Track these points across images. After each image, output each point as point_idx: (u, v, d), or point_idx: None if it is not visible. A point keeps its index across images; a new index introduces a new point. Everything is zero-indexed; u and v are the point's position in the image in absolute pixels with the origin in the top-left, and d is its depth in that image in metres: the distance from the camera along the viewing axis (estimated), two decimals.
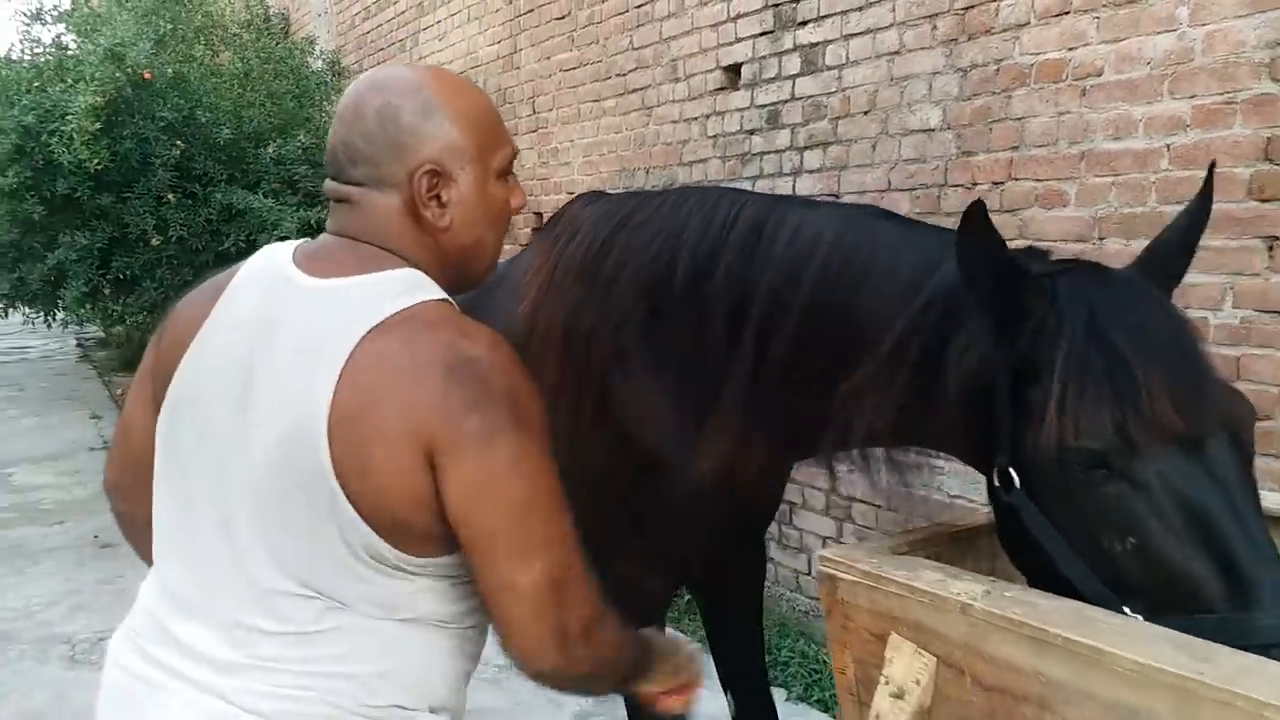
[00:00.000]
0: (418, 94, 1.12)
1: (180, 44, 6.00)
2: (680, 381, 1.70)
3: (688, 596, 3.17)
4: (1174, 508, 1.17)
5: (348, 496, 1.02)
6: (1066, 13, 2.78)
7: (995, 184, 3.01)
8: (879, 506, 3.49)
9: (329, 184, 1.17)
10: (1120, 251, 2.69)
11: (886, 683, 1.23)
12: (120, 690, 1.16)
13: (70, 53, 5.17)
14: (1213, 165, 1.48)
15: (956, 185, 3.12)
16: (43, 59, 5.35)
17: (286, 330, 1.08)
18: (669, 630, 1.75)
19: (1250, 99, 2.40)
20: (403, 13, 7.22)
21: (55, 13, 6.54)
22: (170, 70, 5.55)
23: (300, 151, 5.82)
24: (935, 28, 3.17)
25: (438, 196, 1.12)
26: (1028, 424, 1.26)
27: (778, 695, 2.76)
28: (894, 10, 3.30)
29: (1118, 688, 1.01)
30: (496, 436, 1.01)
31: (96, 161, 4.83)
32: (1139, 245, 2.64)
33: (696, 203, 1.77)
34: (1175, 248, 1.44)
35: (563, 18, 5.18)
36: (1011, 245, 1.90)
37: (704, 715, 1.99)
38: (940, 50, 3.15)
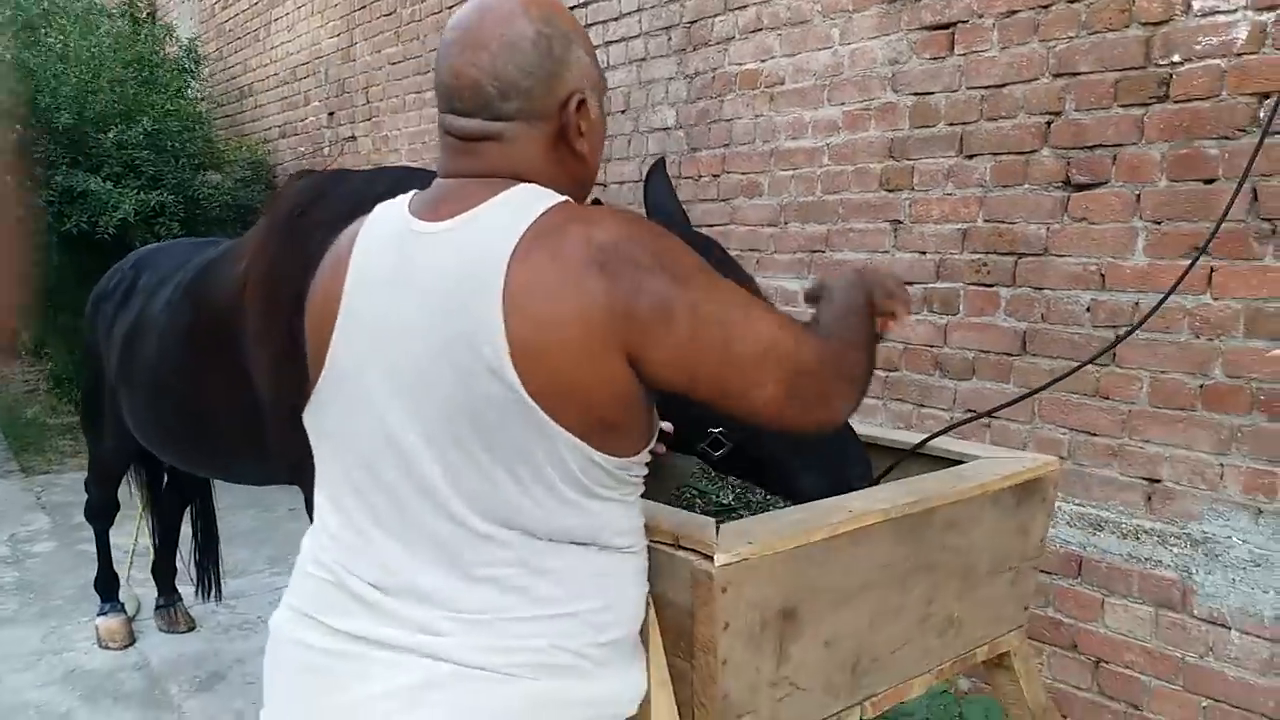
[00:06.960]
0: (555, 22, 1.11)
1: (23, 30, 6.13)
2: None
3: None
4: None
5: (554, 419, 1.01)
6: (760, 29, 3.26)
7: (714, 176, 3.48)
8: None
9: (464, 123, 1.11)
10: (798, 233, 3.18)
11: None
12: (301, 665, 1.11)
13: None
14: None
15: (687, 178, 3.58)
16: None
17: (429, 280, 1.06)
18: None
19: (880, 106, 2.90)
20: (256, 3, 7.44)
21: None
22: (9, 55, 5.71)
23: (142, 136, 5.99)
24: (670, 38, 3.62)
25: (579, 125, 1.13)
26: None
27: None
28: (640, 20, 3.74)
29: None
30: (670, 307, 1.01)
31: None
32: (812, 229, 3.15)
33: (386, 177, 2.19)
34: None
35: (390, 14, 5.52)
36: (723, 230, 2.61)
37: None
38: (674, 58, 3.60)
